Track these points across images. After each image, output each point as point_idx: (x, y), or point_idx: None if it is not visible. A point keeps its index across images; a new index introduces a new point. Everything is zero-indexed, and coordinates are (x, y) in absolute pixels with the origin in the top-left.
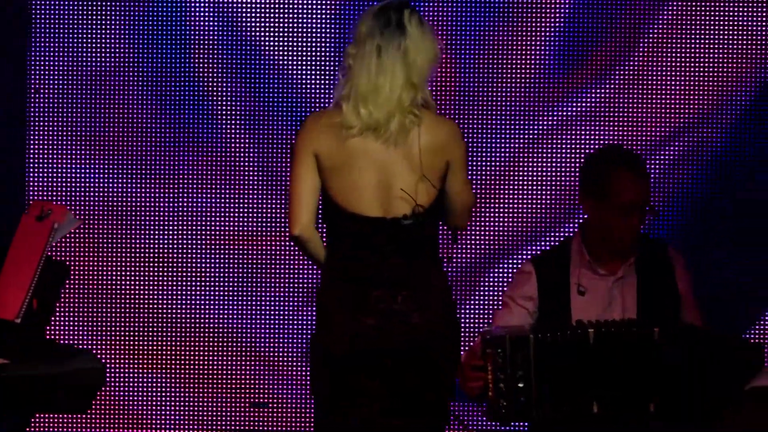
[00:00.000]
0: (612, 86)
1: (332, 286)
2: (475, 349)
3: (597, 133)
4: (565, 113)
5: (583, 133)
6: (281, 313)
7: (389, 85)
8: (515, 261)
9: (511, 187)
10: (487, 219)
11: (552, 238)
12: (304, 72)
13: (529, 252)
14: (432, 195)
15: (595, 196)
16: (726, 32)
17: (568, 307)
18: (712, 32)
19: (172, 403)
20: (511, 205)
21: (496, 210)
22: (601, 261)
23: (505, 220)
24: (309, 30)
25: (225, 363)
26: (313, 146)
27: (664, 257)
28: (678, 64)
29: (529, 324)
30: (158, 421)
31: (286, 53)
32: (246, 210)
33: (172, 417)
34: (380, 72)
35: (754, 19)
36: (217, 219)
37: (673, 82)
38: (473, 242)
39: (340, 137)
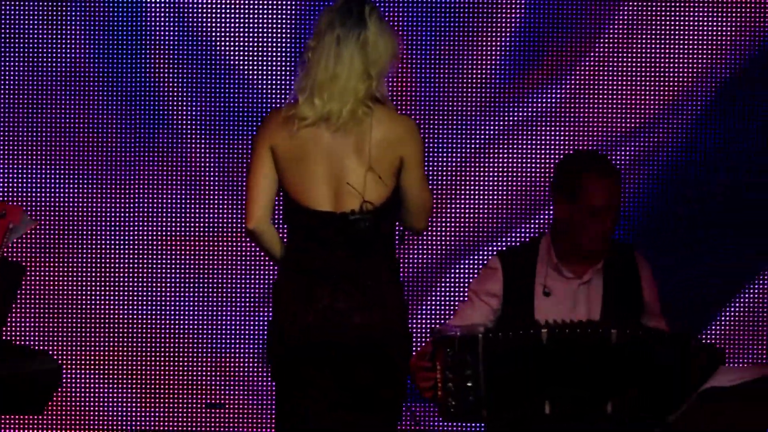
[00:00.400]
0: (568, 87)
1: (285, 278)
2: (425, 348)
3: (553, 133)
4: (520, 114)
5: (539, 133)
6: (236, 314)
7: (346, 74)
8: (473, 260)
9: (469, 186)
10: (445, 218)
11: (511, 238)
12: (261, 73)
13: (487, 251)
14: (384, 192)
15: (567, 198)
16: (682, 33)
17: (532, 308)
18: (667, 33)
19: (129, 404)
20: (469, 205)
21: (455, 209)
22: (569, 263)
23: (464, 219)
24: (266, 31)
25: (180, 364)
26: (269, 140)
27: (631, 262)
28: (633, 65)
29: (491, 321)
30: (115, 422)
31: (243, 54)
32: (201, 212)
33: (129, 418)
34: (338, 61)
35: (710, 20)
36: (172, 221)
37: (628, 84)
38: (432, 241)
39: (295, 130)
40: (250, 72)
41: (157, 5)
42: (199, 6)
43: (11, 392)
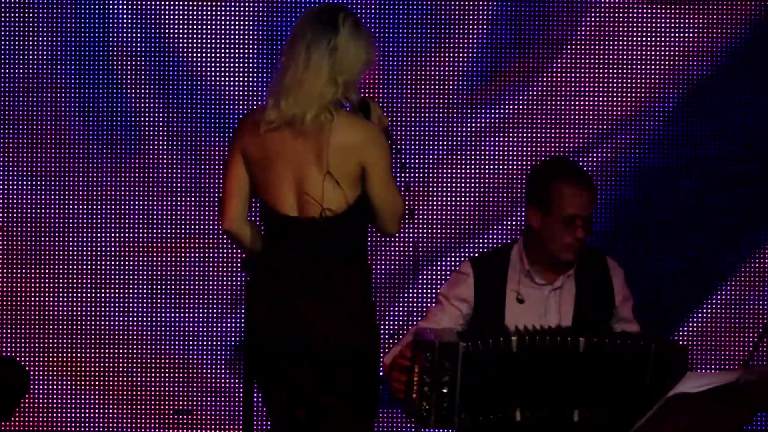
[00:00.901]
0: (535, 92)
1: (258, 278)
2: (404, 350)
3: (521, 138)
4: (488, 119)
5: (507, 138)
6: (203, 320)
7: (312, 80)
8: (443, 264)
9: (438, 191)
10: (415, 222)
11: (480, 242)
12: (227, 80)
13: (456, 256)
14: (345, 199)
15: (539, 207)
16: (648, 40)
17: (503, 314)
18: (634, 39)
19: (96, 411)
20: (438, 209)
21: (424, 214)
22: (541, 270)
23: (433, 223)
24: (231, 36)
25: (148, 370)
26: (240, 143)
27: (603, 267)
28: (600, 71)
29: (460, 325)
30: (82, 428)
31: (209, 61)
32: (167, 218)
33: (96, 424)
34: (307, 67)
35: (676, 27)
36: (138, 227)
37: (595, 89)
38: (402, 245)
39: (261, 132)
40: (216, 77)
41: (124, 12)
42: (167, 14)
43: None
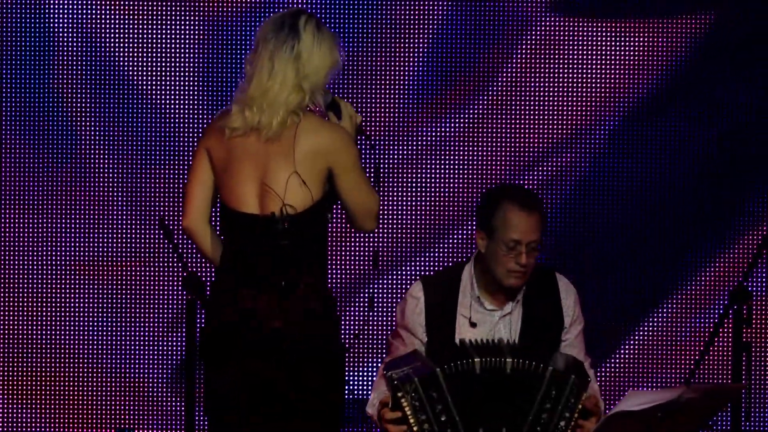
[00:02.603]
0: (479, 110)
1: (218, 277)
2: (385, 398)
3: (465, 156)
4: (433, 135)
5: (450, 156)
6: (145, 338)
7: (278, 88)
8: (386, 283)
9: (384, 207)
10: (359, 237)
11: (425, 258)
12: (172, 100)
13: (403, 273)
14: (309, 198)
15: (486, 230)
16: (593, 57)
17: (453, 336)
18: (579, 57)
19: (38, 429)
20: (384, 226)
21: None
22: (490, 295)
23: (378, 240)
24: (175, 56)
25: (89, 390)
26: (206, 144)
27: (553, 289)
28: (544, 87)
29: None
30: None
31: (151, 80)
32: (109, 235)
33: None
34: (271, 75)
35: (622, 44)
36: (80, 245)
37: (539, 107)
38: (346, 263)
39: (226, 136)
40: (161, 98)
41: (64, 28)
42: (109, 31)
43: None
